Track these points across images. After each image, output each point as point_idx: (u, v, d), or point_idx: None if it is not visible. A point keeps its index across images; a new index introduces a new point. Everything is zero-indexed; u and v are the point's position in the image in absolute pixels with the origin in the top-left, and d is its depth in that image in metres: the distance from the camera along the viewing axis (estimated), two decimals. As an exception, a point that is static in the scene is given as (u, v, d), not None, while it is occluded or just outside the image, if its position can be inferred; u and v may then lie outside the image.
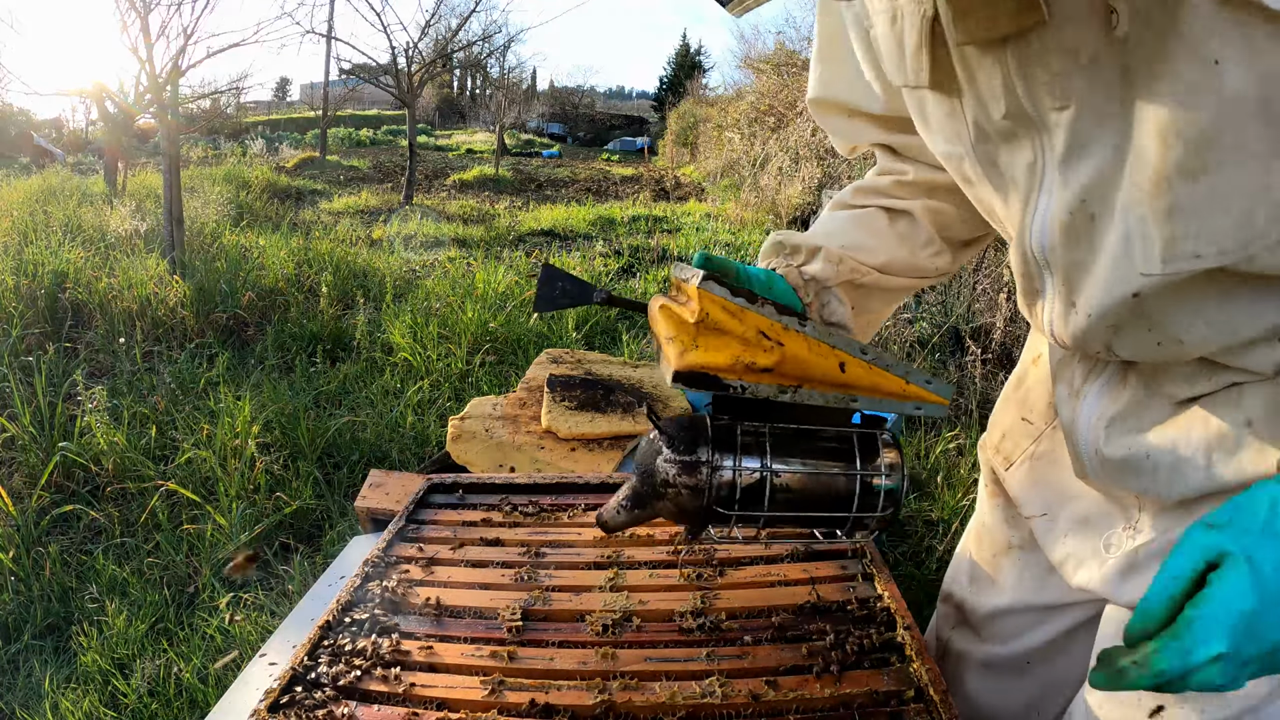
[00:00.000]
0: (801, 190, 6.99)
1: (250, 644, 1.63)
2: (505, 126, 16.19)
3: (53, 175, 7.91)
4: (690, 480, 0.65)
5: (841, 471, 0.66)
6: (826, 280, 0.81)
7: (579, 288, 0.73)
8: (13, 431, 2.39)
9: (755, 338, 0.61)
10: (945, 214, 0.83)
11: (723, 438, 0.66)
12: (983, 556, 0.93)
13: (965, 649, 0.95)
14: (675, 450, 0.65)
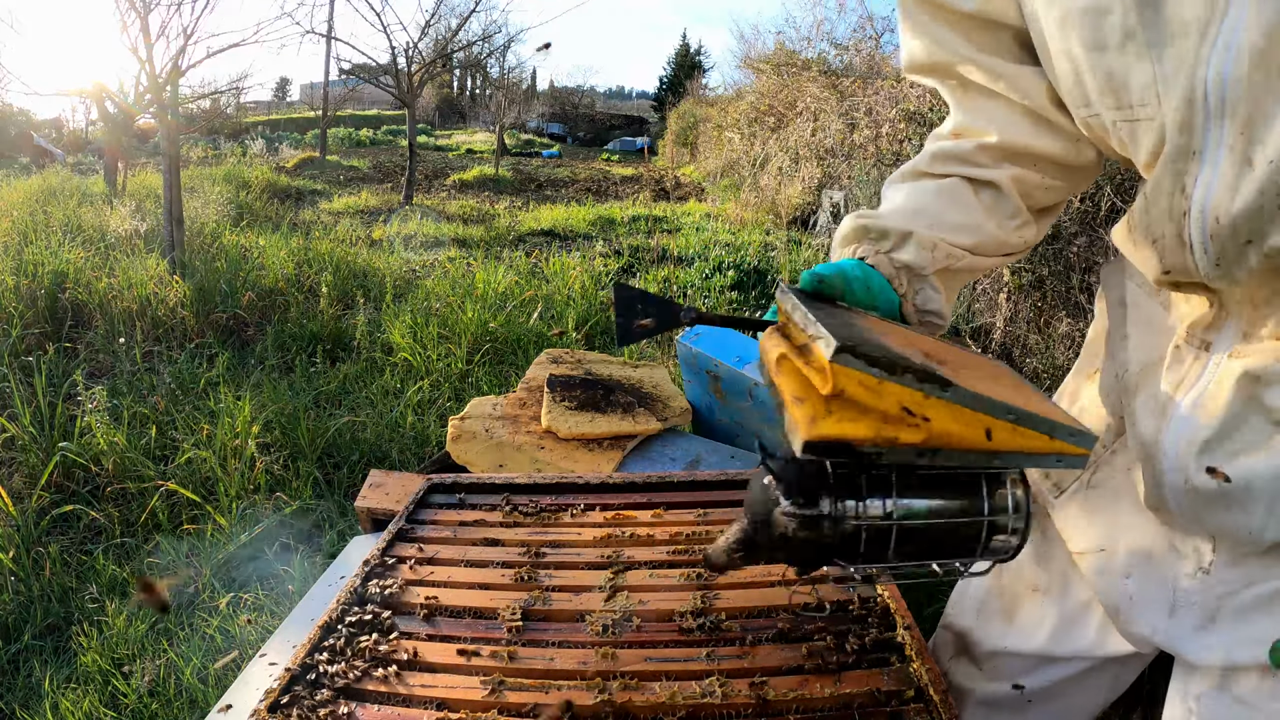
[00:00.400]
0: (801, 190, 6.98)
1: (250, 644, 1.63)
2: (505, 126, 16.19)
3: (53, 175, 7.90)
4: (811, 535, 0.60)
5: (968, 513, 0.61)
6: (922, 268, 0.73)
7: (662, 310, 0.66)
8: (13, 431, 2.39)
9: (898, 413, 0.55)
10: (1028, 181, 0.75)
11: (845, 482, 0.60)
12: (1001, 590, 0.86)
13: (963, 684, 0.90)
14: (795, 503, 0.59)
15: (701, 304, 3.99)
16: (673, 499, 1.10)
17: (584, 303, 4.00)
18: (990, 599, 0.87)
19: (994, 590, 0.87)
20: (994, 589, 0.87)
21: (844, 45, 10.31)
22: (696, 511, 1.06)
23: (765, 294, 4.31)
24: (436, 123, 25.89)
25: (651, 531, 1.00)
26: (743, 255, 5.14)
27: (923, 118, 4.61)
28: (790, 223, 6.63)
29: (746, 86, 12.17)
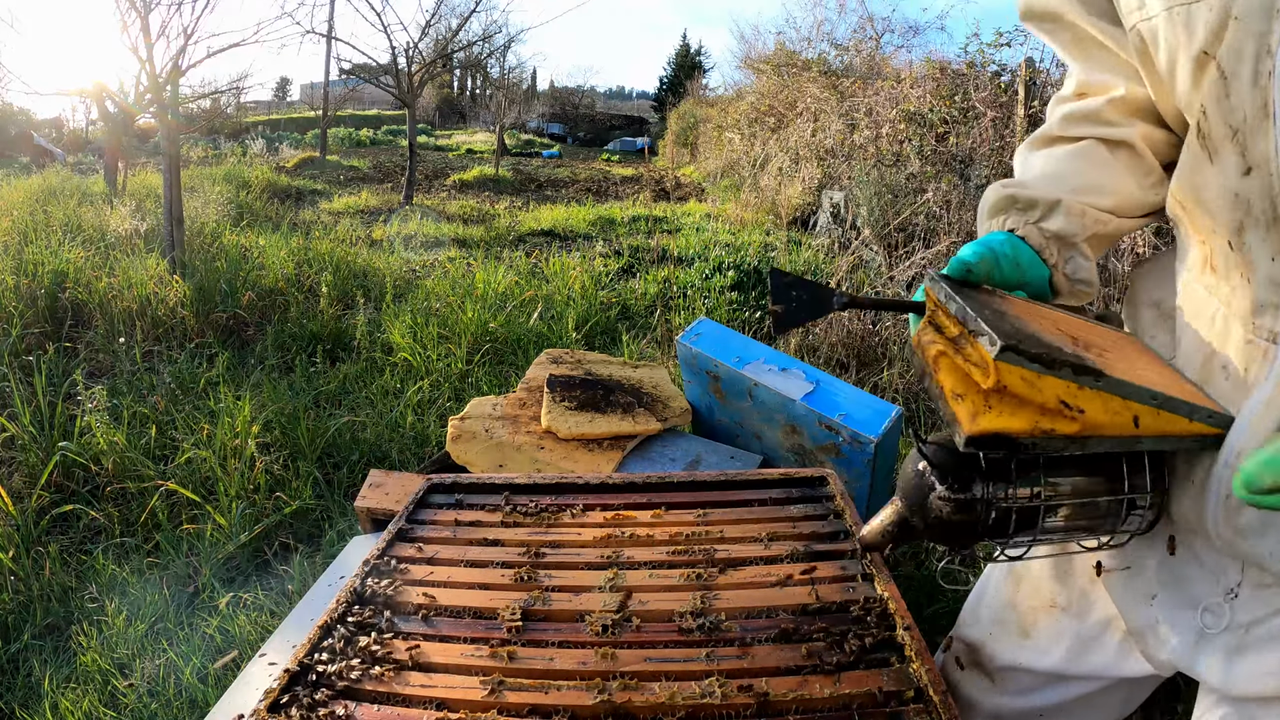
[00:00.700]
0: (801, 190, 6.98)
1: (250, 644, 1.63)
2: (505, 126, 16.19)
3: (53, 175, 7.90)
4: (966, 518, 0.63)
5: (1108, 492, 0.64)
6: (1072, 236, 0.71)
7: (815, 294, 0.68)
8: (12, 431, 2.39)
9: (1056, 406, 0.57)
10: (1156, 138, 0.72)
11: (995, 467, 0.63)
12: (1018, 604, 0.85)
13: (973, 695, 0.90)
14: (950, 488, 0.63)
15: (701, 304, 3.99)
16: (672, 499, 1.10)
17: (584, 303, 4.00)
18: (1007, 613, 0.87)
19: (1010, 604, 0.86)
20: (1011, 603, 0.86)
21: (844, 46, 10.32)
22: (696, 512, 1.06)
23: (765, 294, 4.31)
24: (436, 123, 25.89)
25: (651, 532, 1.00)
26: (743, 256, 5.14)
27: (923, 118, 4.62)
28: (790, 223, 6.62)
29: (747, 87, 12.18)
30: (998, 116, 4.10)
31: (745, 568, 0.92)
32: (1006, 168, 3.92)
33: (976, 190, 3.86)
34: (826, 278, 4.29)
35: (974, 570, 1.94)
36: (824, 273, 4.47)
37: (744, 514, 1.05)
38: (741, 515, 1.05)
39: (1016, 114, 3.88)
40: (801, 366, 1.90)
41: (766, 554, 0.94)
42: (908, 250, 4.09)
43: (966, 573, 1.93)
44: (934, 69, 5.01)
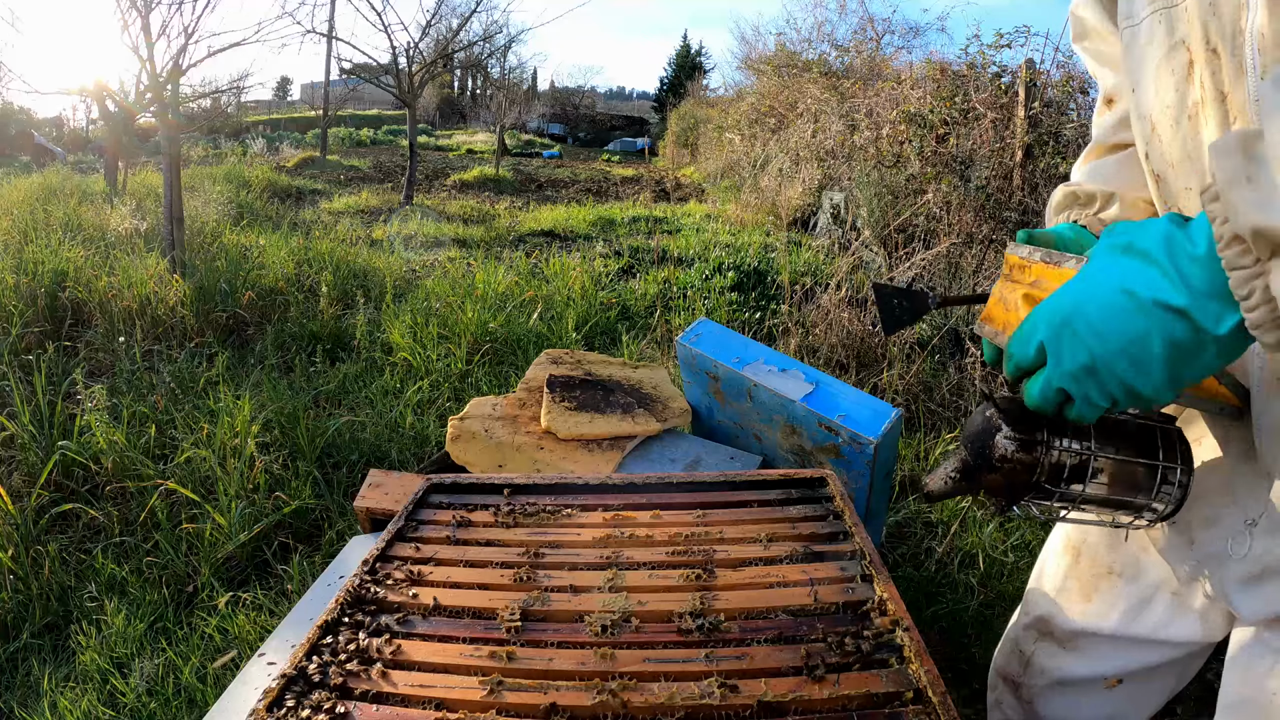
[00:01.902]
0: (802, 191, 6.99)
1: (249, 643, 1.63)
2: (506, 127, 16.19)
3: (53, 174, 7.90)
4: (1027, 457, 0.69)
5: (1146, 461, 0.70)
6: None
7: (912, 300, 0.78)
8: (12, 430, 2.39)
9: None
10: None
11: (1053, 422, 0.70)
12: (1079, 574, 0.92)
13: (1046, 663, 0.95)
14: (1016, 429, 0.69)
15: (701, 305, 3.99)
16: (672, 500, 1.10)
17: (584, 303, 4.00)
18: (1068, 583, 0.93)
19: (1071, 575, 0.93)
20: (1071, 573, 0.93)
21: (845, 47, 10.33)
22: (696, 512, 1.06)
23: (765, 295, 4.31)
24: (437, 123, 25.90)
25: (651, 532, 1.00)
26: (743, 256, 5.14)
27: (923, 119, 4.62)
28: (790, 224, 6.63)
29: (747, 88, 12.20)
30: (998, 118, 4.10)
31: (744, 568, 0.92)
32: (1007, 169, 3.92)
33: (976, 191, 3.86)
34: (826, 279, 4.28)
35: (972, 570, 1.94)
36: (824, 273, 4.47)
37: (743, 515, 1.05)
38: (741, 516, 1.05)
39: (1016, 115, 3.89)
40: (801, 367, 1.90)
41: (766, 555, 0.94)
42: (908, 251, 4.09)
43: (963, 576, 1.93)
44: (934, 70, 5.02)
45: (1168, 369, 0.53)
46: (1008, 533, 2.05)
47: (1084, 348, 0.56)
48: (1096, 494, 0.71)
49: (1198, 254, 0.50)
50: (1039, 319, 0.60)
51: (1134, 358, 0.54)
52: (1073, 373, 0.57)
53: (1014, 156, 3.86)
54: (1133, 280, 0.53)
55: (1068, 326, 0.57)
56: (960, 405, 2.90)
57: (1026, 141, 3.76)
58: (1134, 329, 0.53)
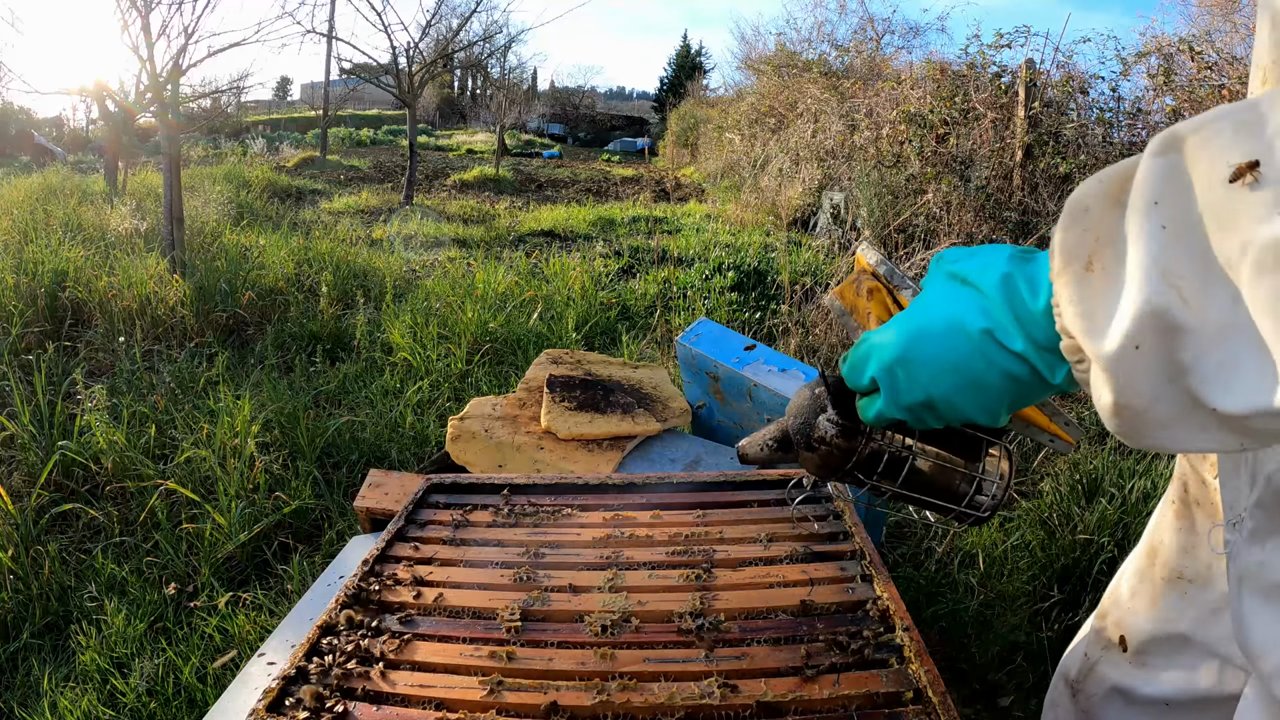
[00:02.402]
0: (802, 191, 6.99)
1: (249, 643, 1.63)
2: (505, 127, 16.19)
3: (53, 174, 7.91)
4: (845, 444, 0.68)
5: (964, 469, 0.70)
6: None
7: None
8: (12, 430, 2.39)
9: None
10: None
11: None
12: (1152, 577, 0.89)
13: (1110, 674, 0.93)
14: (840, 414, 0.68)
15: (701, 305, 3.99)
16: (672, 500, 1.10)
17: (584, 303, 4.00)
18: (1142, 585, 0.91)
19: (1145, 576, 0.91)
20: (1145, 575, 0.91)
21: (845, 47, 10.33)
22: (695, 512, 1.06)
23: (765, 295, 4.31)
24: (437, 123, 25.90)
25: (650, 532, 1.00)
26: (743, 256, 5.14)
27: (923, 119, 4.62)
28: (790, 224, 6.63)
29: (747, 88, 12.21)
30: (998, 118, 4.10)
31: (744, 568, 0.92)
32: (1007, 169, 3.92)
33: (976, 191, 3.86)
34: (826, 279, 4.28)
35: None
36: (824, 273, 4.47)
37: (743, 514, 1.05)
38: (741, 516, 1.05)
39: (1016, 115, 3.89)
40: (801, 367, 1.90)
41: (766, 555, 0.94)
42: (908, 251, 4.09)
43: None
44: (934, 70, 5.02)
45: (1005, 403, 0.53)
46: (1008, 533, 2.05)
47: (920, 387, 0.55)
48: (906, 491, 0.70)
49: (1036, 310, 0.49)
50: (872, 351, 0.58)
51: (973, 397, 0.53)
52: (909, 406, 0.56)
53: (1014, 156, 3.86)
54: (970, 319, 0.52)
55: (903, 365, 0.55)
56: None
57: (1026, 141, 3.76)
58: (973, 369, 0.52)
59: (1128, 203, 0.43)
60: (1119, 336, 0.42)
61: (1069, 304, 0.45)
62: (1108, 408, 0.45)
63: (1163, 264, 0.41)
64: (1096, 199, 0.45)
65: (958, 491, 0.71)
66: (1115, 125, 3.78)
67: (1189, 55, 3.59)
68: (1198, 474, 0.82)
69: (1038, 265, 0.51)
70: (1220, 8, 5.69)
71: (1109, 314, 0.43)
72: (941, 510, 0.72)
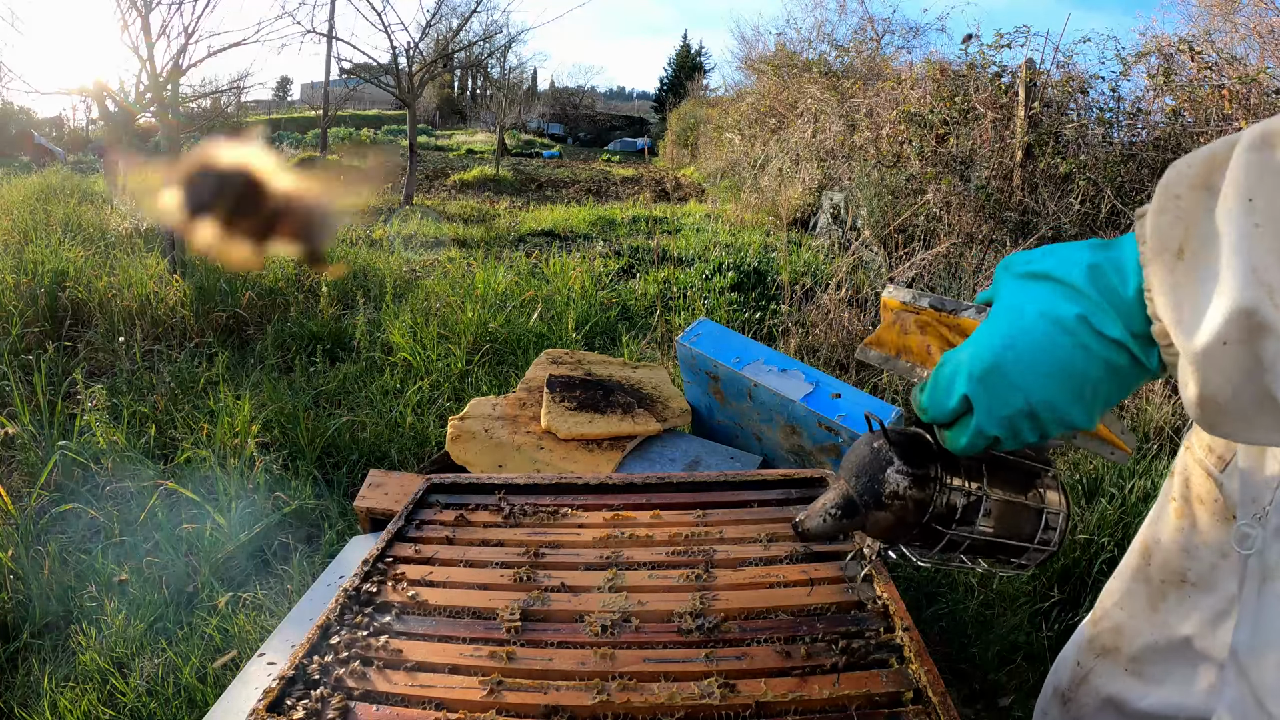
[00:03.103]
0: (802, 191, 6.99)
1: (249, 643, 1.63)
2: (505, 127, 16.20)
3: (53, 174, 7.91)
4: (920, 495, 0.64)
5: (1031, 505, 0.66)
6: None
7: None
8: (12, 430, 2.39)
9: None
10: None
11: (948, 457, 0.65)
12: (1150, 577, 0.86)
13: (1103, 685, 0.90)
14: (909, 463, 0.64)
15: (701, 305, 3.99)
16: (672, 500, 1.10)
17: (584, 303, 4.00)
18: (1137, 587, 0.88)
19: (1139, 576, 0.88)
20: (1139, 575, 0.88)
21: (845, 47, 10.33)
22: (696, 512, 1.06)
23: (765, 295, 4.31)
24: (437, 123, 25.90)
25: (650, 532, 1.00)
26: (743, 256, 5.15)
27: (923, 119, 4.62)
28: (790, 224, 6.63)
29: (747, 88, 12.21)
30: (998, 118, 4.10)
31: (744, 568, 0.92)
32: (1007, 169, 3.92)
33: (976, 191, 3.86)
34: (827, 279, 4.29)
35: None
36: (824, 273, 4.47)
37: (743, 515, 1.05)
38: (741, 516, 1.05)
39: (1016, 115, 3.89)
40: (801, 367, 1.90)
41: (766, 555, 0.94)
42: (908, 251, 4.09)
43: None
44: (934, 70, 5.02)
45: (1104, 397, 0.52)
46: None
47: (1020, 393, 0.53)
48: (983, 537, 0.66)
49: (1128, 296, 0.49)
50: (958, 370, 0.56)
51: (1074, 394, 0.52)
52: (1009, 418, 0.54)
53: (1014, 156, 3.86)
54: (1062, 311, 0.51)
55: (997, 374, 0.53)
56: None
57: (1026, 141, 3.76)
58: (1073, 363, 0.51)
59: (1218, 192, 0.44)
60: (1209, 333, 0.43)
61: (1161, 292, 0.45)
62: (1192, 399, 0.45)
63: (1254, 262, 0.41)
64: (1186, 186, 0.45)
65: (1024, 532, 0.67)
66: (1115, 125, 3.78)
67: (1189, 55, 3.59)
68: (1202, 468, 0.79)
69: (1123, 251, 0.50)
70: (1220, 8, 5.69)
71: (1198, 307, 0.44)
72: (1016, 552, 0.68)
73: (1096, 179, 3.45)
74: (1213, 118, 3.22)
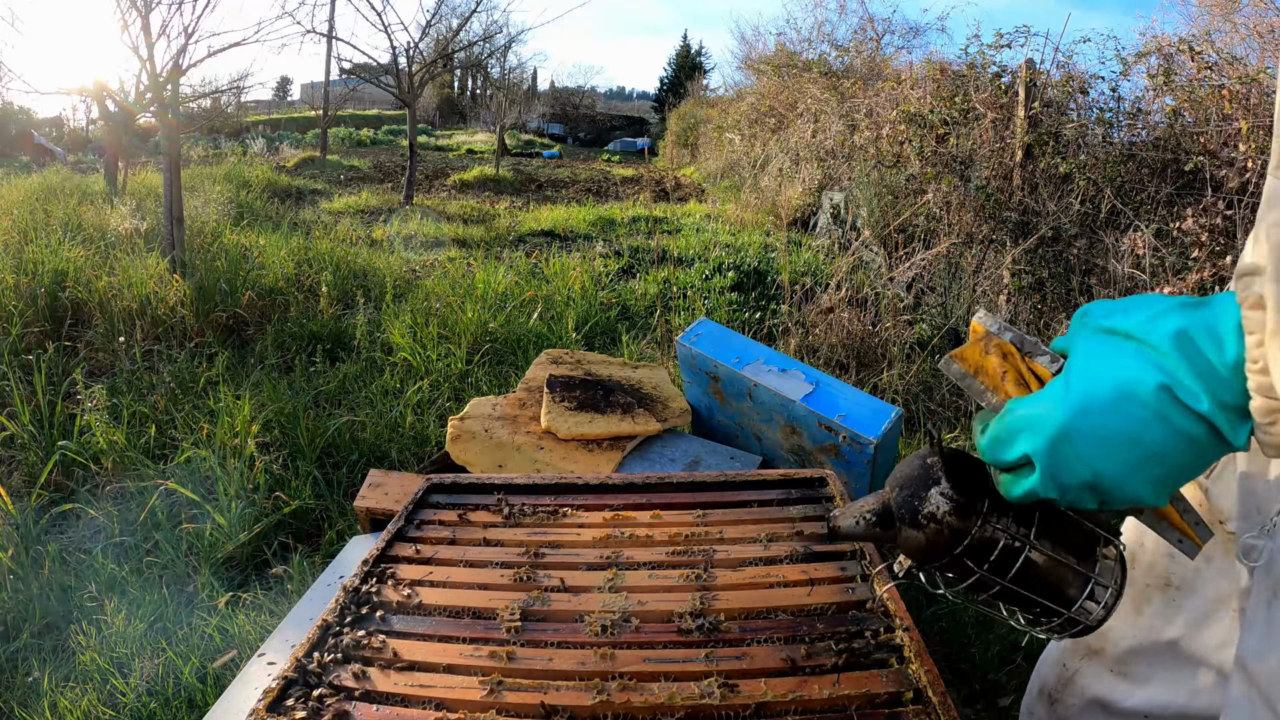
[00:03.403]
0: (802, 192, 6.99)
1: (249, 643, 1.63)
2: (505, 127, 16.20)
3: (53, 174, 7.91)
4: (959, 523, 0.61)
5: (1077, 568, 0.62)
6: None
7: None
8: (12, 430, 2.39)
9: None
10: None
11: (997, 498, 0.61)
12: (1132, 580, 0.84)
13: (1090, 686, 0.89)
14: (956, 488, 0.61)
15: (701, 305, 3.99)
16: (672, 500, 1.10)
17: (584, 303, 4.00)
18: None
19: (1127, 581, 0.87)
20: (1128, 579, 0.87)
21: (845, 47, 10.34)
22: (696, 513, 1.06)
23: (765, 295, 4.31)
24: (437, 123, 25.91)
25: (650, 532, 1.00)
26: (743, 256, 5.15)
27: (923, 119, 4.61)
28: (790, 224, 6.63)
29: (747, 88, 12.20)
30: (998, 118, 4.10)
31: (744, 568, 0.92)
32: (1007, 169, 3.92)
33: (976, 191, 3.86)
34: (826, 279, 4.29)
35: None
36: (824, 273, 4.47)
37: (743, 515, 1.05)
38: (741, 516, 1.05)
39: (1016, 115, 3.89)
40: (801, 367, 1.90)
41: (766, 555, 0.94)
42: (908, 251, 4.09)
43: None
44: (934, 70, 5.02)
45: (1178, 474, 0.48)
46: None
47: (1088, 467, 0.49)
48: (1014, 588, 0.62)
49: (1223, 365, 0.45)
50: (1024, 425, 0.52)
51: (1146, 470, 0.48)
52: (1070, 487, 0.51)
53: (1014, 156, 3.86)
54: (1142, 380, 0.47)
55: (1067, 442, 0.50)
56: (960, 405, 2.90)
57: (1026, 141, 3.76)
58: (1150, 439, 0.47)
59: None
60: None
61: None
62: None
63: None
64: None
65: (1067, 595, 0.62)
66: (1115, 125, 3.78)
67: (1189, 55, 3.59)
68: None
69: (1217, 314, 0.46)
70: (1220, 8, 5.68)
71: None
72: (1046, 613, 0.64)
73: (1096, 179, 3.45)
74: (1213, 118, 3.22)
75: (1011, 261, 3.50)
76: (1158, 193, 3.29)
